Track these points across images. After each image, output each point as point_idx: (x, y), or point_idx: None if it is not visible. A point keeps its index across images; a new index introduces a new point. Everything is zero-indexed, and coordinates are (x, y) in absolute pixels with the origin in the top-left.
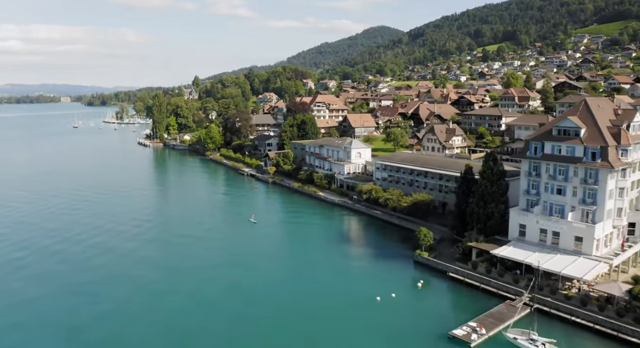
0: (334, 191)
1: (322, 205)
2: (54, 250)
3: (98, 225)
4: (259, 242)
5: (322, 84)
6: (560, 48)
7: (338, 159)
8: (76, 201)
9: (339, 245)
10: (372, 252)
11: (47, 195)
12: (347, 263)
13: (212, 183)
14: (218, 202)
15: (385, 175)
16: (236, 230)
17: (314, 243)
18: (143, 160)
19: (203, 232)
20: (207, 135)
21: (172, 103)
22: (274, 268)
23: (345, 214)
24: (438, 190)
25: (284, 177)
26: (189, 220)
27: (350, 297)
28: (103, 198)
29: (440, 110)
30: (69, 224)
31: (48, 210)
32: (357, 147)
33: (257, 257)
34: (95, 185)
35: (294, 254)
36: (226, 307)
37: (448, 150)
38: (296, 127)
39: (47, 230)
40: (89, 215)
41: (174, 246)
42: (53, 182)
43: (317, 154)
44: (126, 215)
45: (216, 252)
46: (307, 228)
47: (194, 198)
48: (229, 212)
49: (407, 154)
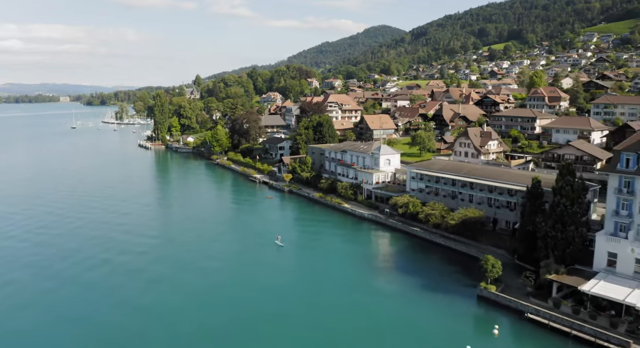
0: (362, 203)
1: (350, 219)
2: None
3: (90, 256)
4: (292, 273)
5: (328, 83)
6: (570, 47)
7: (364, 166)
8: (65, 219)
9: (383, 275)
10: (422, 283)
11: (27, 212)
12: (401, 300)
13: (222, 192)
14: (231, 215)
15: (421, 186)
16: (261, 256)
17: (355, 273)
18: (144, 165)
19: (222, 261)
20: (213, 137)
21: (174, 103)
22: (317, 314)
23: (378, 231)
24: (488, 205)
25: (301, 185)
26: (202, 241)
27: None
28: (99, 215)
29: (465, 111)
30: (55, 256)
31: (24, 229)
32: (386, 153)
33: (295, 298)
34: (90, 196)
35: (336, 291)
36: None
37: (483, 156)
38: (311, 129)
39: (32, 259)
40: (80, 238)
41: (190, 285)
42: (39, 194)
43: (340, 161)
44: (127, 237)
45: (244, 289)
46: (341, 252)
47: (204, 211)
48: (247, 229)
49: (446, 161)
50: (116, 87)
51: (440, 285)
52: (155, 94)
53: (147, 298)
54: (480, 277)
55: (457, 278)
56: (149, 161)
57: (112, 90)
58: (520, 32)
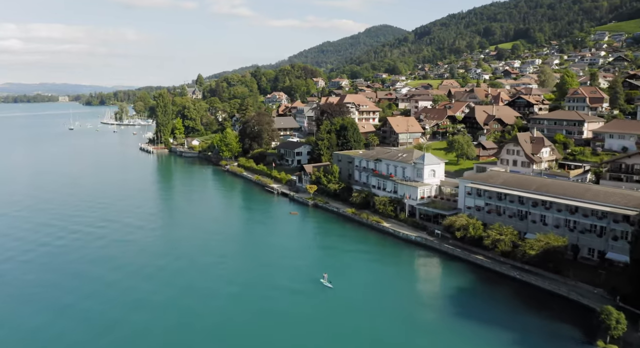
0: (404, 222)
1: (392, 241)
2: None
3: (89, 294)
4: (355, 331)
5: (334, 83)
6: (582, 46)
7: (405, 178)
8: (56, 239)
9: (455, 321)
10: (511, 337)
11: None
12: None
13: (237, 205)
14: (253, 235)
15: (479, 203)
16: (307, 302)
17: (430, 321)
18: (147, 172)
19: (258, 313)
20: (222, 141)
21: (177, 103)
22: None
23: (431, 258)
24: (567, 229)
25: (327, 198)
26: (225, 272)
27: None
28: (97, 235)
29: (499, 113)
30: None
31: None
32: (431, 162)
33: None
34: (87, 210)
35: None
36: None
37: (536, 165)
38: (334, 133)
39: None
40: (75, 263)
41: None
42: (28, 207)
43: (375, 171)
44: (130, 270)
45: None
46: (400, 290)
47: (220, 228)
48: (278, 257)
49: (508, 174)
50: (116, 86)
51: (530, 339)
52: (157, 93)
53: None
54: (585, 328)
55: (553, 329)
56: (151, 167)
57: (112, 90)
58: (527, 31)
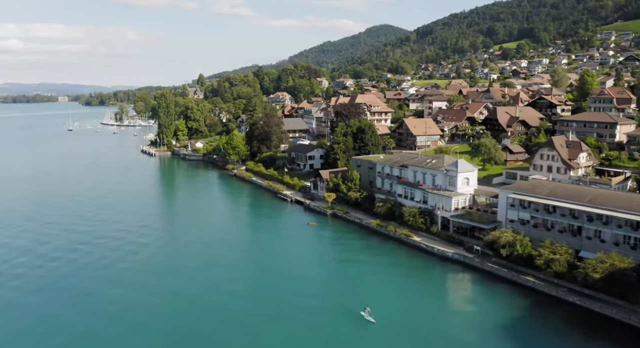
0: (437, 235)
1: (425, 258)
2: None
3: (87, 331)
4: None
5: (339, 83)
6: (589, 45)
7: (435, 187)
8: (51, 260)
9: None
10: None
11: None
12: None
13: (248, 215)
14: (271, 255)
15: (524, 216)
16: (348, 340)
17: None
18: (150, 176)
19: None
20: (229, 144)
21: (179, 103)
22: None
23: (473, 279)
24: (629, 247)
25: (347, 207)
26: (245, 308)
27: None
28: (97, 254)
29: (523, 115)
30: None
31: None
32: (465, 169)
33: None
34: (85, 224)
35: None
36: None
37: (573, 172)
38: (351, 136)
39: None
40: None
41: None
42: (19, 216)
43: (401, 178)
44: (135, 293)
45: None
46: (443, 317)
47: (233, 246)
48: (306, 284)
49: (554, 183)
50: (115, 86)
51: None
52: (159, 93)
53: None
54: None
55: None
56: (154, 171)
57: (112, 90)
58: (531, 30)
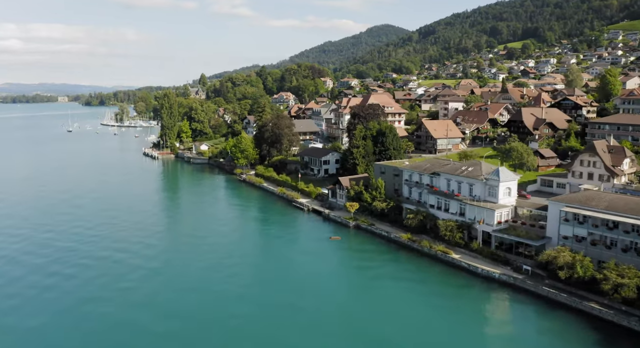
0: (479, 253)
1: (467, 279)
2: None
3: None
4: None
5: (343, 83)
6: (596, 45)
7: (473, 197)
8: (46, 275)
9: None
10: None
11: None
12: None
13: (262, 225)
14: (293, 274)
15: (581, 232)
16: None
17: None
18: (153, 181)
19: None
20: (237, 147)
21: (183, 104)
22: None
23: (526, 305)
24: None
25: (371, 218)
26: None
27: None
28: (99, 270)
29: (549, 117)
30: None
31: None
32: (507, 178)
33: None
34: (87, 237)
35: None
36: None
37: (616, 179)
38: (370, 139)
39: None
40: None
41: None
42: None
43: (434, 188)
44: (145, 315)
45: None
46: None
47: (249, 262)
48: (333, 313)
49: (614, 195)
50: (115, 87)
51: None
52: (161, 93)
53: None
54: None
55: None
56: (158, 175)
57: (112, 90)
58: (536, 30)
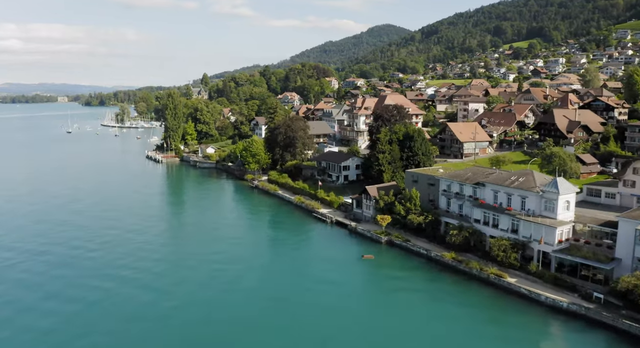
0: (539, 276)
1: (526, 307)
2: None
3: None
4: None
5: (349, 83)
6: (605, 44)
7: (526, 212)
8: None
9: None
10: None
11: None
12: None
13: (281, 239)
14: (325, 301)
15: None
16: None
17: None
18: (158, 187)
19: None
20: (248, 151)
21: (187, 105)
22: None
23: (607, 343)
24: None
25: (405, 232)
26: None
27: None
28: (106, 295)
29: (582, 119)
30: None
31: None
32: (567, 191)
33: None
34: (90, 248)
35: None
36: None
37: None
38: (396, 144)
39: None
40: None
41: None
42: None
43: (476, 199)
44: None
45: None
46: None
47: (271, 284)
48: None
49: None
50: (115, 87)
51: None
52: (164, 93)
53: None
54: None
55: None
56: (163, 181)
57: (112, 90)
58: (541, 29)
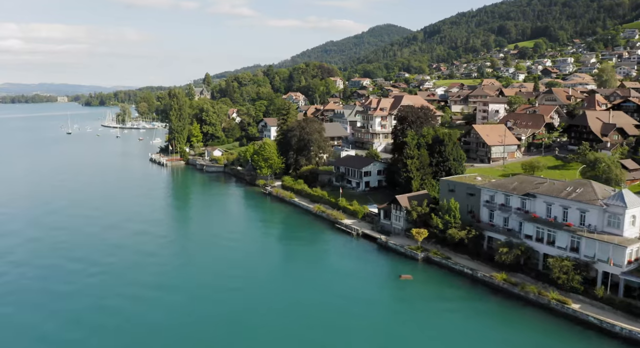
0: (608, 302)
1: (594, 339)
2: None
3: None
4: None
5: (355, 83)
6: (613, 44)
7: (586, 227)
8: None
9: None
10: None
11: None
12: None
13: (303, 255)
14: (364, 334)
15: None
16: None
17: None
18: (165, 194)
19: None
20: (259, 154)
21: (192, 105)
22: None
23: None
24: None
25: (442, 248)
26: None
27: None
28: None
29: (617, 121)
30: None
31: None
32: (634, 204)
33: None
34: (92, 265)
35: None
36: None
37: None
38: (425, 148)
39: None
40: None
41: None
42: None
43: (526, 212)
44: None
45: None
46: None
47: (297, 310)
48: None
49: None
50: (115, 87)
51: None
52: (166, 93)
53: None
54: None
55: None
56: (169, 186)
57: (112, 90)
58: (546, 29)
